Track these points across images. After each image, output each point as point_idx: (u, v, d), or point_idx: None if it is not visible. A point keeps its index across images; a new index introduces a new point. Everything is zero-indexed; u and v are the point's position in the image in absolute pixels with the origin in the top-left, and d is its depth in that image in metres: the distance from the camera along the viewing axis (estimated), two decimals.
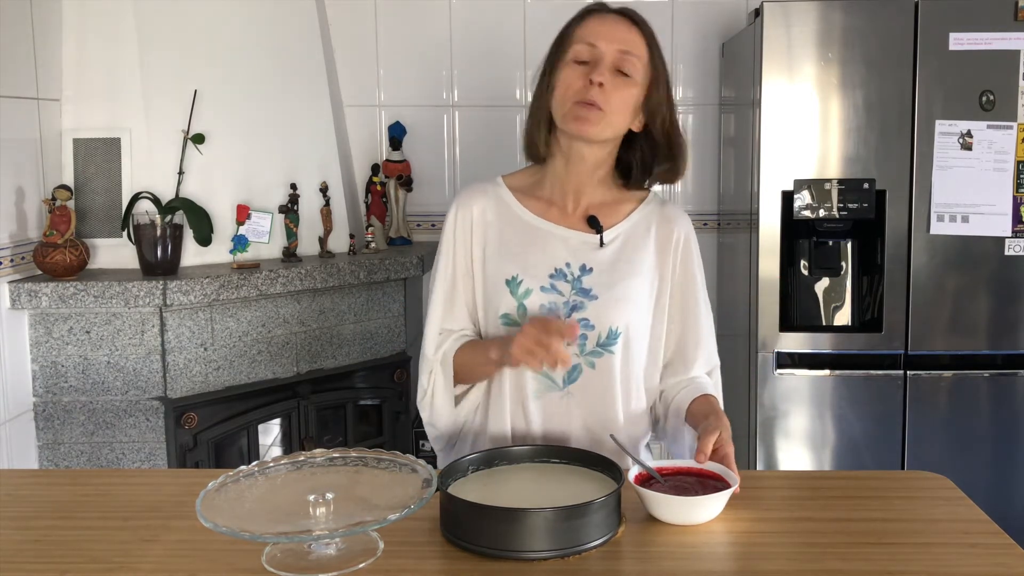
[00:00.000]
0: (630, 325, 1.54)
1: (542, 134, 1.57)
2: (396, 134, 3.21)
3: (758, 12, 2.60)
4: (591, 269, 1.54)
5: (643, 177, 1.60)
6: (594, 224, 1.56)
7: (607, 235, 1.57)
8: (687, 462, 1.33)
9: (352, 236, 2.89)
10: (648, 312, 1.58)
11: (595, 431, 1.55)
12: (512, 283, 1.53)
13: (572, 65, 1.50)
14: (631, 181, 1.61)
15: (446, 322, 1.61)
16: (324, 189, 2.84)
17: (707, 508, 1.22)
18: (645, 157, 1.59)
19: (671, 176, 1.60)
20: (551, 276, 1.53)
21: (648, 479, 1.29)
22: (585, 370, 1.54)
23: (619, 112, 1.50)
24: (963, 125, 2.56)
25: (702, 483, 1.28)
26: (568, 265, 1.54)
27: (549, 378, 1.54)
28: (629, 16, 1.55)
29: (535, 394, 1.54)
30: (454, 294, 1.61)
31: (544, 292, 1.53)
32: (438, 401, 1.59)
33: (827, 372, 2.65)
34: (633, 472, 1.28)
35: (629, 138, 1.58)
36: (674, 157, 1.58)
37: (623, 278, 1.54)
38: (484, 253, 1.58)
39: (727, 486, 1.25)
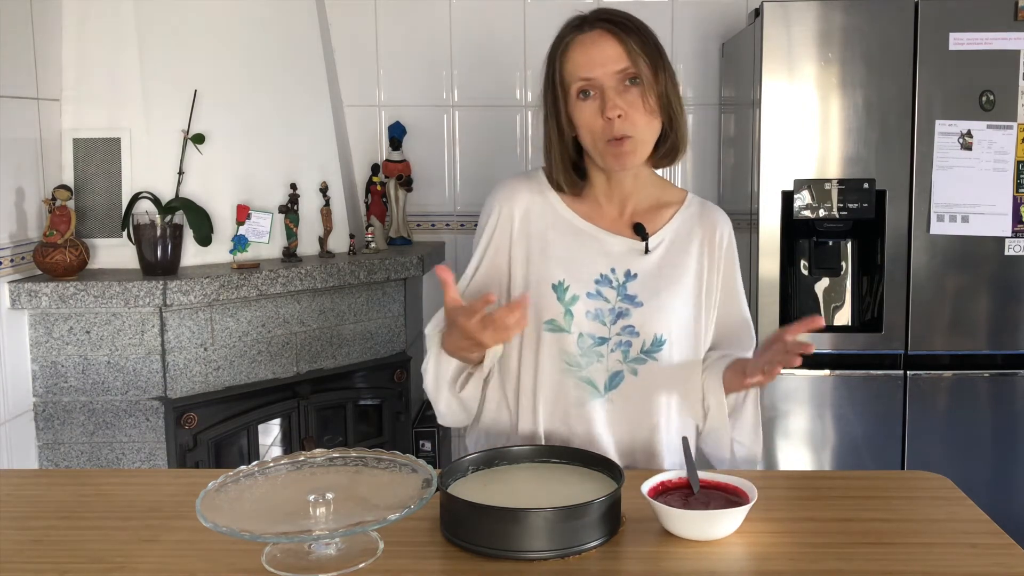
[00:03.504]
0: (674, 332, 1.53)
1: (568, 175, 1.54)
2: (396, 134, 3.21)
3: (758, 12, 2.60)
4: (636, 275, 1.53)
5: (668, 148, 1.55)
6: (640, 231, 1.55)
7: (652, 241, 1.55)
8: (705, 474, 1.30)
9: (352, 236, 2.89)
10: (692, 318, 1.56)
11: (637, 439, 1.54)
12: (559, 288, 1.51)
13: (581, 103, 1.47)
14: (657, 153, 1.54)
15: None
16: (324, 189, 2.84)
17: (724, 523, 1.20)
18: (666, 132, 1.54)
19: (673, 152, 1.56)
20: (596, 282, 1.52)
21: (662, 492, 1.27)
22: (627, 377, 1.52)
23: (647, 126, 1.48)
24: (963, 125, 2.56)
25: (717, 496, 1.25)
26: (613, 271, 1.52)
27: (592, 385, 1.52)
28: (609, 27, 1.47)
29: (576, 401, 1.52)
30: (474, 291, 1.57)
31: (591, 299, 1.51)
32: (429, 379, 1.54)
33: (827, 372, 2.65)
34: (647, 486, 1.25)
35: None
36: (677, 131, 1.53)
37: (668, 285, 1.53)
38: (527, 253, 1.54)
39: (745, 500, 1.23)
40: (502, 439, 1.59)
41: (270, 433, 2.86)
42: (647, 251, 1.54)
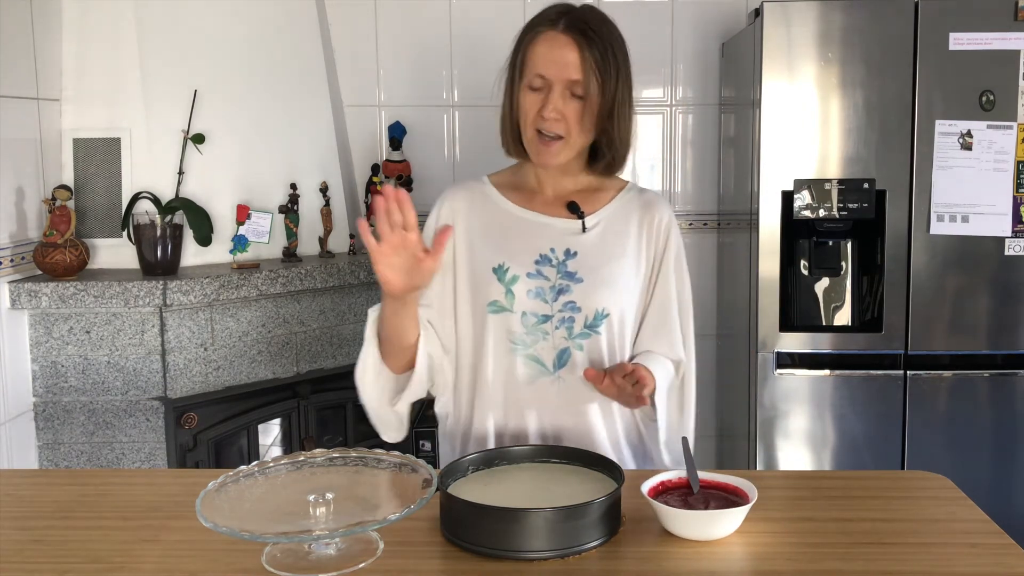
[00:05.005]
0: (616, 306, 1.57)
1: (517, 143, 1.62)
2: (396, 134, 3.21)
3: (758, 12, 2.60)
4: (575, 253, 1.57)
5: (610, 159, 1.61)
6: (574, 209, 1.60)
7: (589, 220, 1.60)
8: (705, 474, 1.30)
9: (352, 236, 2.89)
10: (634, 295, 1.60)
11: (588, 417, 1.56)
12: (499, 271, 1.56)
13: (528, 92, 1.55)
14: (599, 163, 1.62)
15: None
16: (324, 189, 2.84)
17: (724, 523, 1.20)
18: (610, 143, 1.60)
19: (619, 159, 1.61)
20: (536, 262, 1.56)
21: (662, 492, 1.27)
22: (574, 353, 1.55)
23: (579, 134, 1.54)
24: (963, 125, 2.56)
25: (717, 496, 1.25)
26: (552, 250, 1.57)
27: (540, 363, 1.55)
28: (577, 37, 1.52)
29: (527, 380, 1.55)
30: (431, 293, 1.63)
31: (531, 278, 1.55)
32: (359, 369, 1.59)
33: (827, 372, 2.65)
34: (647, 486, 1.26)
35: None
36: (623, 140, 1.59)
37: (608, 261, 1.58)
38: (469, 246, 1.61)
39: (745, 500, 1.22)
40: (470, 440, 1.60)
41: (270, 433, 2.86)
42: (584, 229, 1.59)
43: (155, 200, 2.50)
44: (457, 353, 1.63)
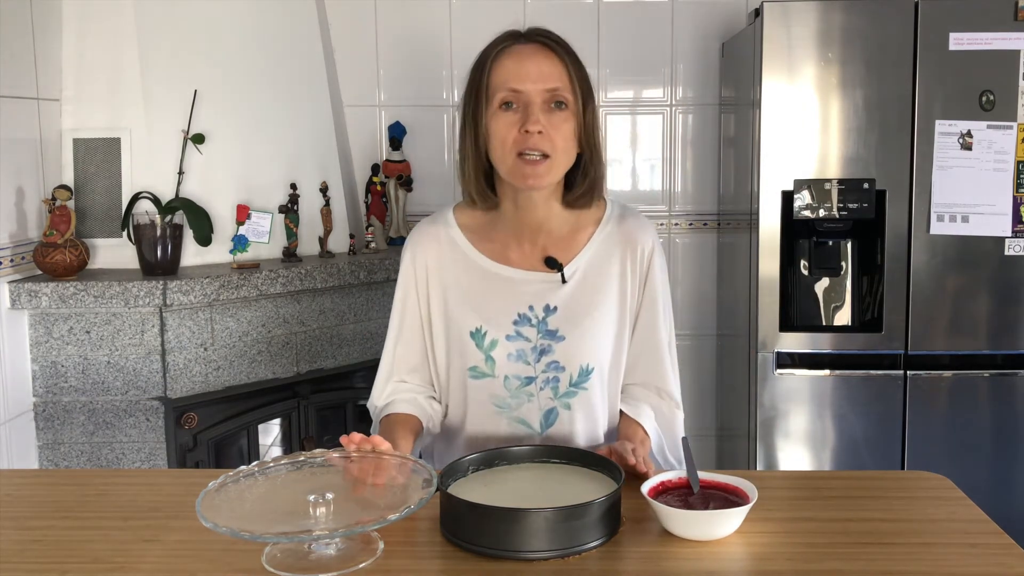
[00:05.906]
0: (601, 360, 1.51)
1: (480, 186, 1.50)
2: (396, 134, 3.21)
3: (758, 12, 2.60)
4: (555, 308, 1.50)
5: (584, 190, 1.52)
6: (552, 265, 1.51)
7: (568, 269, 1.51)
8: (705, 474, 1.30)
9: (352, 236, 2.89)
10: (621, 338, 1.54)
11: None
12: (476, 335, 1.50)
13: (501, 114, 1.43)
14: (573, 194, 1.52)
15: (396, 369, 1.61)
16: (324, 189, 2.84)
17: (724, 523, 1.19)
18: (586, 169, 1.51)
19: (595, 186, 1.52)
20: (515, 323, 1.49)
21: (662, 492, 1.27)
22: (561, 412, 1.51)
23: (564, 151, 1.44)
24: (963, 125, 2.56)
25: (717, 496, 1.25)
26: (531, 308, 1.50)
27: (526, 424, 1.52)
28: (544, 43, 1.46)
29: (511, 442, 1.52)
30: (398, 346, 1.60)
31: (510, 340, 1.49)
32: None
33: (827, 372, 2.65)
34: (647, 486, 1.25)
35: None
36: (596, 165, 1.51)
37: (588, 313, 1.50)
38: (444, 302, 1.54)
39: (745, 500, 1.22)
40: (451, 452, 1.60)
41: (270, 433, 2.86)
42: (563, 281, 1.50)
43: (155, 200, 2.50)
44: (441, 401, 1.60)
